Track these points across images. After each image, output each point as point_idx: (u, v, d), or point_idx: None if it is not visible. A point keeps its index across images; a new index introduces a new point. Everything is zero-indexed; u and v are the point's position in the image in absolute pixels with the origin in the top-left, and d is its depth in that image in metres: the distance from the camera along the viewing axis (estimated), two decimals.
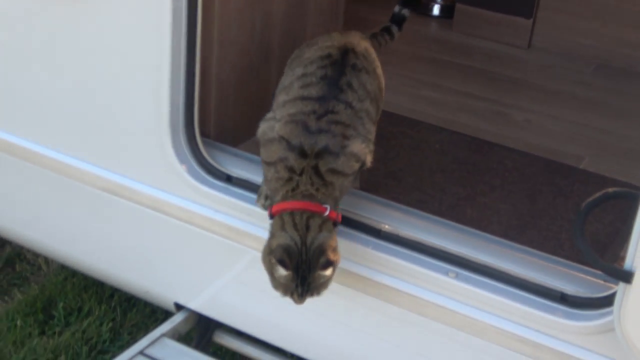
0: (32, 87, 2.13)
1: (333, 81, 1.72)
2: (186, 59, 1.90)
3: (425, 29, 3.68)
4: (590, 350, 1.64)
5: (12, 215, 2.36)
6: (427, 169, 2.40)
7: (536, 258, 1.80)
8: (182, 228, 2.00)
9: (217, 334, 2.14)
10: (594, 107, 2.96)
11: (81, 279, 2.71)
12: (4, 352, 2.41)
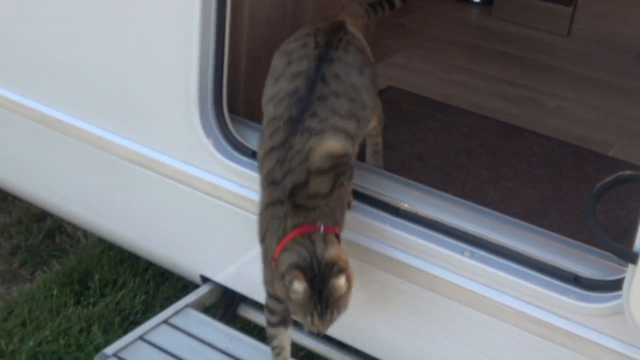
0: (71, 65, 2.13)
1: (299, 119, 1.67)
2: (215, 35, 1.90)
3: (464, 14, 3.67)
4: (601, 332, 1.63)
5: (54, 189, 2.37)
6: (452, 152, 2.39)
7: (551, 240, 1.79)
8: (208, 202, 2.01)
9: (241, 308, 2.14)
10: (628, 96, 2.93)
11: (117, 253, 2.75)
12: (39, 320, 2.45)
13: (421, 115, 2.55)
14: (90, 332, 2.43)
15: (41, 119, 2.20)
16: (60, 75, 2.14)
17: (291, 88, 1.69)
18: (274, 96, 1.73)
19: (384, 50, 3.05)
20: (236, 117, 2.04)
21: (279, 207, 1.62)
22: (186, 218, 2.09)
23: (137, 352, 1.89)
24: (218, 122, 1.97)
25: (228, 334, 1.98)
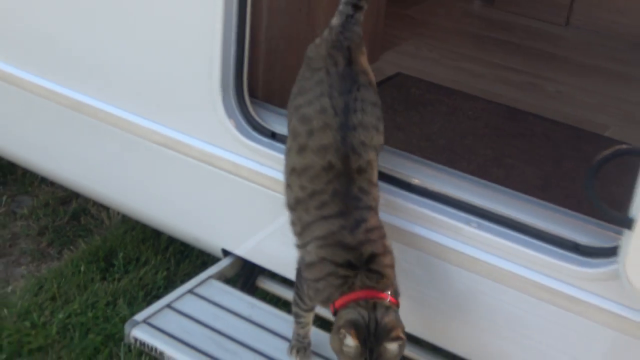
0: (106, 58, 2.15)
1: (348, 192, 1.64)
2: (237, 25, 1.92)
3: (468, 6, 3.67)
4: (599, 295, 1.65)
5: (86, 171, 2.39)
6: (459, 133, 2.41)
7: (552, 212, 1.80)
8: (230, 179, 2.03)
9: (260, 279, 2.16)
10: (624, 81, 2.94)
11: (139, 232, 2.78)
12: (68, 294, 2.49)
13: (429, 100, 2.58)
14: (116, 305, 2.45)
15: (77, 106, 2.22)
16: (96, 66, 2.16)
17: (325, 163, 1.65)
18: (305, 169, 1.68)
19: (392, 40, 3.07)
20: (255, 100, 2.06)
21: (346, 268, 1.59)
22: (209, 195, 2.11)
23: (165, 319, 1.92)
24: (239, 105, 2.00)
25: (249, 302, 2.01)
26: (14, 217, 2.88)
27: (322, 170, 1.64)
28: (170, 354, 1.84)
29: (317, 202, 1.65)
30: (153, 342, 1.86)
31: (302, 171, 1.68)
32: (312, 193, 1.66)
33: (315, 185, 1.65)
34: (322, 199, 1.64)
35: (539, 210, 1.81)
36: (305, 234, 1.68)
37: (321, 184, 1.65)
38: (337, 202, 1.63)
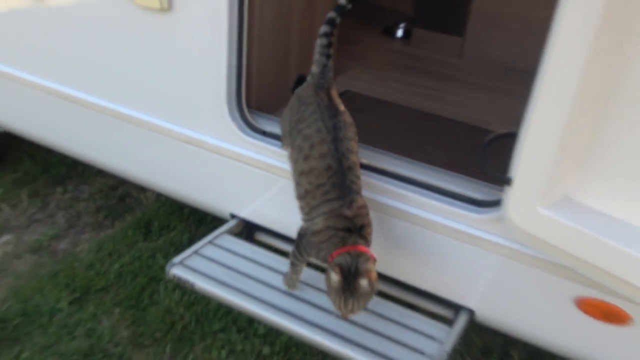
0: (144, 78, 2.12)
1: (343, 183, 1.64)
2: (237, 56, 1.93)
3: (392, 45, 3.70)
4: (490, 232, 1.70)
5: (132, 162, 2.36)
6: (391, 130, 2.43)
7: (458, 179, 1.82)
8: (234, 164, 2.04)
9: (257, 234, 2.18)
10: (500, 93, 2.98)
11: (168, 206, 2.83)
12: (120, 251, 2.54)
13: (368, 108, 2.61)
14: (155, 258, 2.51)
15: (125, 117, 2.21)
16: (142, 90, 2.14)
17: (325, 165, 1.65)
18: (311, 170, 1.67)
19: (342, 68, 3.08)
20: (250, 109, 2.07)
21: (345, 232, 1.59)
22: (220, 175, 2.10)
23: (194, 261, 1.93)
24: (239, 112, 2.01)
25: (250, 248, 2.03)
26: (77, 200, 2.90)
27: (323, 170, 1.65)
28: (199, 284, 1.85)
29: (321, 191, 1.65)
30: (187, 277, 1.86)
31: (308, 172, 1.68)
32: (317, 186, 1.66)
33: (319, 180, 1.66)
34: (324, 189, 1.65)
35: (449, 178, 1.83)
36: (312, 212, 1.68)
37: (323, 179, 1.65)
38: (336, 190, 1.64)
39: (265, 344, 2.16)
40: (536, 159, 1.40)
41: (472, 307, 1.83)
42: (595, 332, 1.66)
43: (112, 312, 2.23)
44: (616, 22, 1.24)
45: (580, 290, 1.62)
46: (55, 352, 2.05)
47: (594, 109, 1.34)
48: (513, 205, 1.49)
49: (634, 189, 1.35)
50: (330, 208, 1.64)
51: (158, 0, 1.90)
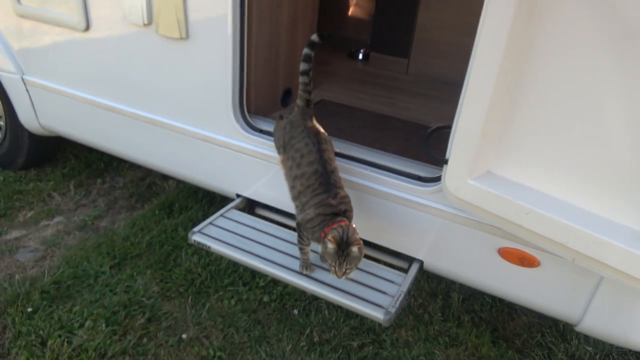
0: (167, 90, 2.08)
1: (328, 181, 1.64)
2: (239, 73, 1.94)
3: (355, 64, 3.70)
4: (433, 201, 1.71)
5: (159, 157, 2.32)
6: (355, 127, 2.45)
7: (408, 161, 1.85)
8: (238, 155, 2.04)
9: (257, 209, 2.19)
10: (438, 101, 3.02)
11: (186, 191, 2.82)
12: (149, 226, 2.51)
13: (339, 112, 2.63)
14: (177, 231, 2.50)
15: (155, 122, 2.19)
16: (164, 97, 2.12)
17: (313, 170, 1.65)
18: (302, 175, 1.66)
19: (317, 83, 3.08)
20: (249, 113, 2.08)
21: (332, 216, 1.58)
22: (227, 164, 2.09)
23: (209, 229, 1.93)
24: (242, 115, 2.02)
25: (253, 219, 2.02)
26: (114, 189, 2.87)
27: (312, 173, 1.65)
28: (214, 247, 1.85)
29: (311, 189, 1.64)
30: (204, 241, 1.87)
31: (301, 176, 1.67)
32: (308, 186, 1.65)
33: (309, 182, 1.65)
34: (313, 187, 1.64)
35: (401, 161, 1.85)
36: (305, 207, 1.66)
37: (312, 180, 1.65)
38: (322, 187, 1.63)
39: (265, 294, 2.18)
40: (465, 143, 1.42)
41: (421, 258, 1.85)
42: (513, 274, 1.69)
43: (145, 273, 2.23)
44: (517, 43, 1.30)
45: (502, 242, 1.65)
46: (101, 305, 2.05)
47: (504, 104, 1.38)
48: (449, 179, 1.52)
49: (536, 163, 1.40)
50: (318, 200, 1.62)
51: (178, 31, 1.91)
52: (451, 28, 3.31)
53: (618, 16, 1.15)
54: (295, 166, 1.69)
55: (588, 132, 1.28)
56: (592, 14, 1.19)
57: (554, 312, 1.72)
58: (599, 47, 1.20)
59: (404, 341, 2.02)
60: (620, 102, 1.21)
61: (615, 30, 1.16)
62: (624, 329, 1.61)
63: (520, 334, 2.11)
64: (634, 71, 1.17)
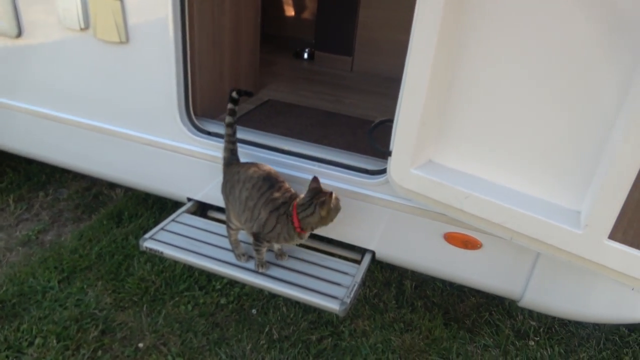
0: (107, 94, 2.04)
1: (270, 178, 1.69)
2: (184, 79, 1.92)
3: (301, 64, 3.72)
4: (380, 192, 1.74)
5: (104, 164, 2.26)
6: (304, 124, 2.46)
7: (355, 156, 1.88)
8: (187, 159, 2.02)
9: (210, 211, 2.17)
10: (381, 95, 3.07)
11: (136, 198, 2.76)
12: (98, 237, 2.46)
13: (286, 111, 2.64)
14: (127, 240, 2.45)
15: (99, 129, 2.13)
16: (107, 103, 2.05)
17: (256, 176, 1.68)
18: (249, 197, 1.69)
19: (264, 83, 3.09)
20: (197, 115, 2.06)
21: (283, 206, 1.62)
22: (177, 167, 2.07)
23: (161, 235, 1.91)
24: (188, 118, 2.00)
25: (204, 222, 2.01)
26: (58, 201, 2.78)
27: (256, 179, 1.69)
28: (167, 252, 1.83)
29: (256, 189, 1.66)
30: (156, 247, 1.84)
31: (248, 180, 1.69)
32: (252, 186, 1.68)
33: (253, 182, 1.68)
34: (258, 186, 1.67)
35: (348, 156, 1.88)
36: (253, 214, 1.66)
37: (255, 180, 1.69)
38: (267, 183, 1.67)
39: (222, 296, 2.17)
40: (406, 135, 1.46)
41: (373, 249, 1.88)
42: (459, 257, 1.75)
43: (96, 285, 2.18)
44: (448, 37, 1.37)
45: (447, 227, 1.71)
46: (50, 321, 1.98)
47: (440, 96, 1.44)
48: (393, 169, 1.55)
49: (472, 150, 1.47)
50: (265, 199, 1.64)
51: (117, 35, 1.88)
52: (391, 26, 3.39)
53: (542, 6, 1.23)
54: (240, 197, 1.70)
55: (518, 118, 1.37)
56: (517, 6, 1.27)
57: (498, 290, 1.81)
58: (524, 36, 1.29)
59: (362, 331, 2.07)
60: (546, 88, 1.30)
61: (539, 19, 1.25)
62: (561, 301, 1.72)
63: (469, 314, 2.21)
64: (558, 58, 1.25)
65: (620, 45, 1.18)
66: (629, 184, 1.19)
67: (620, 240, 1.25)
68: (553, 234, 1.35)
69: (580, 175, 1.33)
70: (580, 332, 2.15)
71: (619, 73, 1.20)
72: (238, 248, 1.84)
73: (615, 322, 1.74)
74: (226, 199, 1.79)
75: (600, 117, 1.25)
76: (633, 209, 1.21)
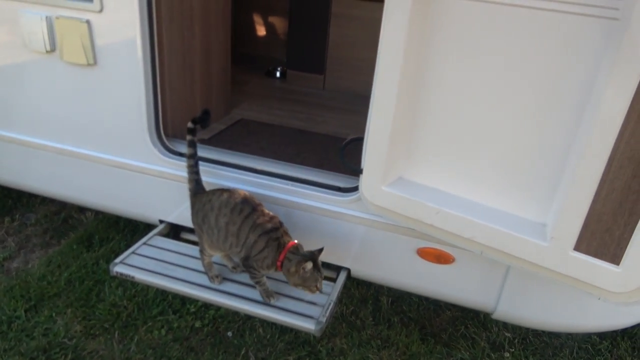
0: (75, 117, 2.01)
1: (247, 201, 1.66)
2: (153, 101, 1.92)
3: (273, 83, 3.73)
4: (352, 209, 1.76)
5: (73, 188, 2.22)
6: (277, 143, 2.46)
7: (327, 174, 1.90)
8: (158, 180, 2.01)
9: (182, 233, 2.16)
10: (351, 113, 3.08)
11: (106, 222, 2.70)
12: (68, 263, 2.39)
13: (259, 130, 2.64)
14: (98, 264, 2.39)
15: (68, 153, 2.10)
16: (76, 126, 2.03)
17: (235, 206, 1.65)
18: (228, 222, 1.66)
19: (236, 102, 3.09)
20: (167, 136, 2.06)
21: (273, 232, 1.60)
22: (147, 190, 2.05)
23: (132, 259, 1.88)
24: (159, 139, 1.99)
25: (177, 244, 1.99)
26: (25, 226, 2.70)
27: (236, 203, 1.66)
28: (138, 276, 1.81)
29: (236, 212, 1.65)
30: (127, 272, 1.81)
31: (227, 223, 1.65)
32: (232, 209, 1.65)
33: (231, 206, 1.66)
34: (238, 209, 1.65)
35: (321, 174, 1.90)
36: (239, 239, 1.64)
37: (233, 205, 1.65)
38: (247, 206, 1.64)
39: (196, 319, 2.13)
40: (376, 153, 1.49)
41: (348, 266, 1.89)
42: (432, 271, 1.77)
43: (65, 312, 2.11)
44: (413, 57, 1.41)
45: (420, 243, 1.73)
46: (17, 352, 1.91)
47: (408, 114, 1.48)
48: (365, 187, 1.58)
49: (441, 166, 1.50)
50: (251, 222, 1.61)
51: (84, 57, 1.86)
52: (361, 44, 3.45)
53: (500, 31, 1.28)
54: (217, 225, 1.67)
55: (484, 134, 1.41)
56: (477, 27, 1.32)
57: (472, 303, 1.83)
58: (486, 56, 1.33)
59: (339, 349, 2.06)
60: (509, 106, 1.34)
61: (498, 40, 1.29)
62: (532, 312, 1.76)
63: (446, 328, 2.23)
64: (519, 76, 1.30)
65: (576, 64, 1.23)
66: (590, 196, 1.23)
67: (584, 251, 1.28)
68: (521, 247, 1.38)
69: (545, 189, 1.37)
70: (554, 342, 2.18)
71: (576, 90, 1.24)
72: (211, 270, 1.82)
73: (585, 331, 1.77)
74: (199, 229, 1.76)
75: (562, 133, 1.29)
76: (595, 220, 1.24)
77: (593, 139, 1.18)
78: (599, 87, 1.17)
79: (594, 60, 1.19)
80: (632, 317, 1.70)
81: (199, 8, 2.34)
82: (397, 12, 1.32)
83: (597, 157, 1.18)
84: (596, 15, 1.15)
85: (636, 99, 1.10)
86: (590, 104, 1.21)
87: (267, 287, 1.74)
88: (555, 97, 1.27)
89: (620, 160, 1.16)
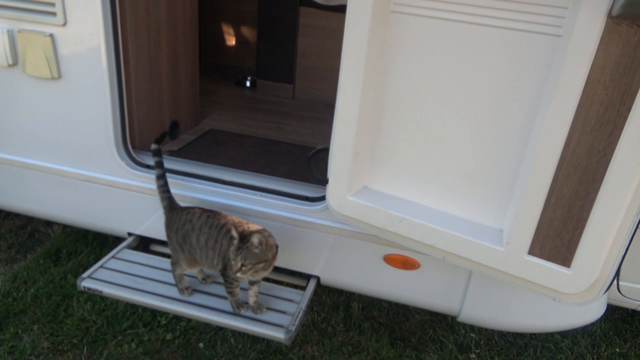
0: (40, 130, 2.00)
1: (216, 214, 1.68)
2: (120, 113, 1.91)
3: (243, 92, 3.72)
4: (320, 218, 1.78)
5: (37, 202, 2.20)
6: (247, 153, 2.46)
7: (296, 184, 1.91)
8: (125, 193, 2.00)
9: (152, 245, 2.14)
10: (320, 122, 3.12)
11: (74, 235, 2.64)
12: (34, 278, 2.33)
13: (228, 141, 2.63)
14: (66, 279, 2.34)
15: (33, 167, 2.07)
16: (41, 140, 2.02)
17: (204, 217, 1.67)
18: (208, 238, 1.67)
19: (206, 113, 3.08)
20: (135, 149, 2.06)
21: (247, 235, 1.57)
22: (116, 203, 2.04)
23: (100, 273, 1.86)
24: (126, 152, 1.98)
25: (146, 257, 1.99)
26: None
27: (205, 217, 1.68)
28: (106, 290, 1.79)
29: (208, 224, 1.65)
30: (95, 286, 1.80)
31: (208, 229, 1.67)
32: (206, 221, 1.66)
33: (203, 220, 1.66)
34: (210, 221, 1.65)
35: (289, 184, 1.92)
36: (215, 249, 1.64)
37: (204, 219, 1.68)
38: (217, 217, 1.66)
39: (167, 331, 2.11)
40: (341, 163, 1.52)
41: (317, 274, 1.91)
42: (399, 277, 1.81)
43: (32, 329, 2.06)
44: (374, 69, 1.44)
45: (386, 250, 1.77)
46: None
47: (370, 124, 1.51)
48: (331, 197, 1.60)
49: (403, 175, 1.55)
50: (224, 231, 1.60)
51: (48, 70, 1.84)
52: (329, 53, 3.50)
53: (453, 46, 1.33)
54: (197, 240, 1.68)
55: (441, 144, 1.46)
56: (431, 45, 1.37)
57: (437, 307, 1.88)
58: (441, 70, 1.38)
59: (310, 357, 2.08)
60: (464, 118, 1.40)
61: (452, 55, 1.35)
62: (494, 314, 1.82)
63: (415, 332, 2.27)
64: (473, 89, 1.35)
65: (525, 78, 1.29)
66: (541, 203, 1.29)
67: (538, 255, 1.34)
68: (479, 252, 1.43)
69: (501, 196, 1.43)
70: (519, 342, 2.25)
71: (526, 102, 1.31)
72: (182, 282, 1.82)
73: (547, 331, 1.84)
74: (179, 247, 1.75)
75: (514, 143, 1.35)
76: (547, 225, 1.31)
77: (542, 149, 1.24)
78: (546, 100, 1.24)
79: (541, 74, 1.26)
80: (589, 315, 1.77)
81: (165, 20, 2.34)
82: (357, 26, 1.36)
83: (546, 165, 1.24)
84: (541, 32, 1.22)
85: (579, 110, 1.17)
86: (538, 115, 1.27)
87: (238, 298, 1.75)
88: (506, 108, 1.33)
89: (567, 168, 1.22)
